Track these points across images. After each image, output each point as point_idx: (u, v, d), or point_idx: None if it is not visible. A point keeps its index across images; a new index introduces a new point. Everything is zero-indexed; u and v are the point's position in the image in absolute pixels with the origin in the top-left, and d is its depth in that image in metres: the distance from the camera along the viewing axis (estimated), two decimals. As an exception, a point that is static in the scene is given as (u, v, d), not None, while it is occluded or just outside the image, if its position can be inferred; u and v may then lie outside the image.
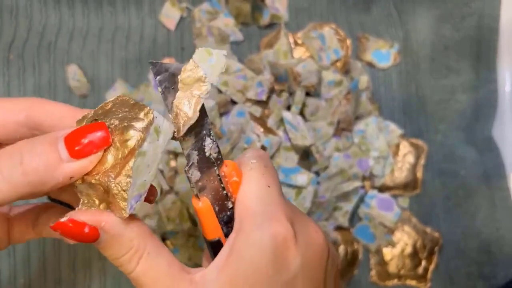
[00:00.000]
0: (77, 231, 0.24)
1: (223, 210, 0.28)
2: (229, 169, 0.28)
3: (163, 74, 0.25)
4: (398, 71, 0.53)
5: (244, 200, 0.27)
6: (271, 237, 0.26)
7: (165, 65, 0.25)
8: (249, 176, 0.28)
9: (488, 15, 0.51)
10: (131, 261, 0.25)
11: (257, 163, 0.28)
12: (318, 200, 0.47)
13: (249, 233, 0.26)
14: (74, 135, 0.24)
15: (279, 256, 0.26)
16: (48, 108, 0.27)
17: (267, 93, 0.47)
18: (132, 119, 0.24)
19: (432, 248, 0.49)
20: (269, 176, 0.28)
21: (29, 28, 0.51)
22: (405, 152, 0.51)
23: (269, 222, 0.26)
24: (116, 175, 0.24)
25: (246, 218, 0.27)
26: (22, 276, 0.47)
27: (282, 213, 0.27)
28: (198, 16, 0.53)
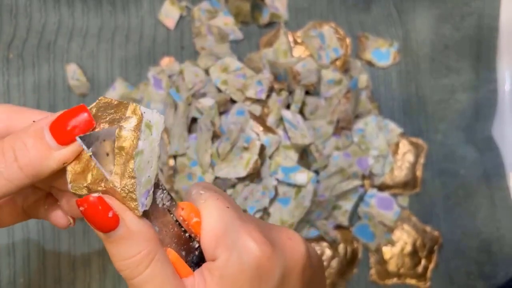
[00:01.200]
0: (101, 212, 0.24)
1: (191, 252, 0.28)
2: (187, 211, 0.27)
3: (95, 144, 0.24)
4: (398, 70, 0.53)
5: (210, 230, 0.26)
6: (247, 255, 0.26)
7: (95, 134, 0.24)
8: (206, 206, 0.27)
9: (488, 15, 0.51)
10: (140, 265, 0.25)
11: (206, 192, 0.28)
12: (318, 199, 0.47)
13: (225, 257, 0.26)
14: (58, 123, 0.24)
15: (259, 270, 0.26)
16: (28, 116, 0.27)
17: (266, 92, 0.47)
18: (120, 120, 0.24)
19: (431, 247, 0.49)
20: (223, 198, 0.28)
21: (28, 27, 0.51)
22: (405, 151, 0.51)
23: (241, 240, 0.26)
24: (120, 180, 0.24)
25: (217, 246, 0.26)
26: (22, 275, 0.47)
27: (251, 227, 0.27)
28: (198, 15, 0.53)
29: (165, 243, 0.26)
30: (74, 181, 0.24)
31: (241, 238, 0.26)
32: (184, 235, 0.27)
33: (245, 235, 0.26)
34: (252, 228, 0.27)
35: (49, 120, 0.24)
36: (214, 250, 0.26)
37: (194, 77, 0.48)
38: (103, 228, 0.24)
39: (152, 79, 0.50)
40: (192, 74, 0.48)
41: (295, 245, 0.29)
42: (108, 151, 0.24)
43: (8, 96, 0.50)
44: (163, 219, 0.26)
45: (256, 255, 0.26)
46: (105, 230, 0.24)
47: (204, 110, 0.47)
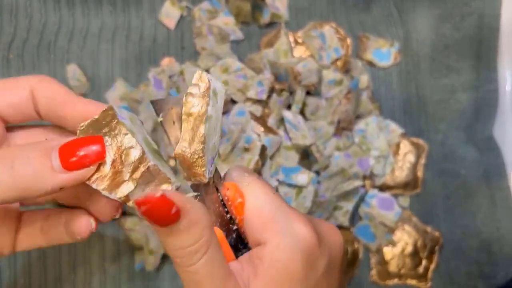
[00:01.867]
0: (164, 210, 0.23)
1: (229, 234, 0.27)
2: (232, 191, 0.27)
3: (164, 111, 0.24)
4: (399, 71, 0.53)
5: (256, 214, 0.26)
6: (299, 241, 0.26)
7: (166, 100, 0.24)
8: (251, 190, 0.27)
9: (489, 15, 0.51)
10: (197, 253, 0.24)
11: (250, 176, 0.28)
12: (319, 200, 0.47)
13: (276, 241, 0.26)
14: (69, 147, 0.23)
15: (309, 258, 0.26)
16: (52, 90, 0.26)
17: (267, 92, 0.47)
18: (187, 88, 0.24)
19: (432, 248, 0.49)
20: (267, 184, 0.28)
21: (29, 27, 0.51)
22: (406, 151, 0.51)
23: (292, 227, 0.26)
24: (189, 145, 0.24)
25: (266, 230, 0.26)
26: (22, 275, 0.47)
27: (299, 217, 0.27)
28: (198, 15, 0.53)
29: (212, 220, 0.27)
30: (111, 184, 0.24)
31: (294, 223, 0.26)
32: (226, 216, 0.27)
33: (297, 221, 0.26)
34: (300, 215, 0.27)
35: (61, 142, 0.24)
36: (261, 234, 0.26)
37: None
38: (163, 224, 0.23)
39: (153, 80, 0.50)
40: (193, 75, 0.48)
41: (336, 236, 0.29)
42: (175, 119, 0.24)
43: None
44: (211, 196, 0.27)
45: (310, 242, 0.26)
46: (165, 225, 0.23)
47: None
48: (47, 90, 0.27)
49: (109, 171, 0.24)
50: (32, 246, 0.30)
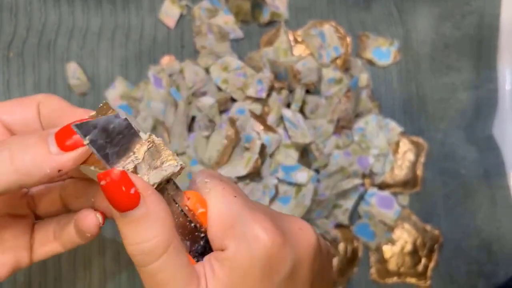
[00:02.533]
0: (123, 189, 0.23)
1: (196, 242, 0.27)
2: (192, 201, 0.27)
3: (93, 132, 0.23)
4: (398, 69, 0.53)
5: (217, 221, 0.26)
6: (256, 246, 0.25)
7: (91, 122, 0.23)
8: (212, 196, 0.27)
9: (489, 14, 0.51)
10: (155, 251, 0.24)
11: (211, 181, 0.27)
12: (318, 198, 0.47)
13: (234, 247, 0.25)
14: (64, 130, 0.24)
15: (268, 263, 0.26)
16: (52, 104, 0.28)
17: (267, 90, 0.47)
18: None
19: (432, 246, 0.49)
20: (230, 187, 0.27)
21: (28, 26, 0.51)
22: (405, 150, 0.51)
23: (251, 231, 0.25)
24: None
25: (225, 236, 0.26)
26: (22, 273, 0.47)
27: (261, 216, 0.26)
28: (198, 14, 0.53)
29: None
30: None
31: (251, 227, 0.26)
32: (190, 225, 0.27)
33: (254, 225, 0.26)
34: (261, 217, 0.26)
35: (57, 128, 0.24)
36: (222, 240, 0.26)
37: (194, 76, 0.48)
38: (121, 206, 0.23)
39: (152, 78, 0.50)
40: (193, 73, 0.48)
41: (306, 235, 0.28)
42: None
43: (9, 95, 0.50)
44: (170, 208, 0.26)
45: (267, 245, 0.25)
46: (123, 209, 0.23)
47: (204, 109, 0.47)
48: (52, 103, 0.28)
49: None
50: (48, 254, 0.31)
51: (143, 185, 0.24)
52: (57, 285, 0.47)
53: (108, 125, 0.24)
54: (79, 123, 0.23)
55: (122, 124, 0.24)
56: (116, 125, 0.24)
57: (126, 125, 0.24)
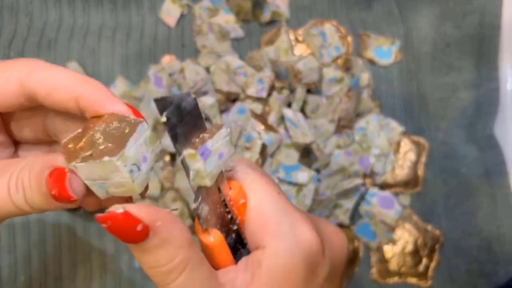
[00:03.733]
0: (129, 228, 0.21)
1: (229, 235, 0.26)
2: (235, 192, 0.25)
3: (169, 109, 0.22)
4: (399, 69, 0.53)
5: (257, 215, 0.25)
6: (301, 247, 0.24)
7: (169, 98, 0.22)
8: (254, 188, 0.25)
9: (490, 13, 0.51)
10: (172, 272, 0.23)
11: (253, 173, 0.26)
12: (319, 198, 0.47)
13: (276, 246, 0.24)
14: (55, 179, 0.22)
15: (310, 265, 0.25)
16: (43, 76, 0.24)
17: (267, 90, 0.47)
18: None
19: (433, 246, 0.49)
20: (272, 183, 0.26)
21: (29, 25, 0.51)
22: (406, 150, 0.51)
23: (295, 231, 0.24)
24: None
25: (266, 233, 0.24)
26: (22, 273, 0.47)
27: (303, 220, 0.25)
28: (199, 13, 0.53)
29: (210, 223, 0.25)
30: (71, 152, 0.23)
31: (298, 227, 0.25)
32: (227, 217, 0.26)
33: (302, 225, 0.25)
34: (305, 218, 0.25)
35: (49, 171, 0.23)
36: (261, 236, 0.25)
37: (195, 76, 0.48)
38: (130, 241, 0.22)
39: (153, 77, 0.50)
40: (193, 73, 0.48)
41: (340, 240, 0.28)
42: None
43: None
44: (213, 197, 0.25)
45: (313, 247, 0.24)
46: (133, 242, 0.22)
47: (205, 108, 0.47)
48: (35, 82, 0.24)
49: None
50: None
51: (150, 217, 0.21)
52: (57, 284, 0.47)
53: (181, 103, 0.23)
54: (159, 98, 0.22)
55: (192, 104, 0.23)
56: (187, 104, 0.23)
57: (195, 105, 0.23)
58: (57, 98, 0.24)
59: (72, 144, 0.23)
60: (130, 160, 0.22)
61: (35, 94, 0.24)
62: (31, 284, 0.47)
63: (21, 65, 0.24)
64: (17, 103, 0.25)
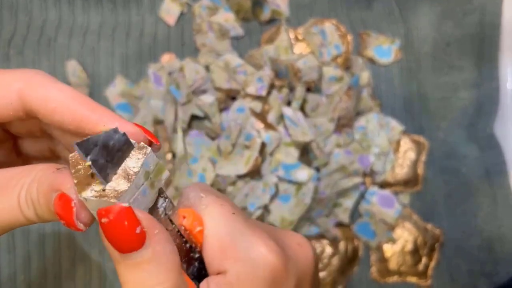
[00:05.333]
0: (128, 227, 0.20)
1: (191, 264, 0.25)
2: (189, 220, 0.24)
3: (93, 151, 0.21)
4: (400, 68, 0.53)
5: (215, 241, 0.24)
6: (261, 268, 0.24)
7: (92, 139, 0.21)
8: (209, 213, 0.24)
9: (490, 12, 0.51)
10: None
11: (207, 196, 0.25)
12: (319, 197, 0.47)
13: (235, 271, 0.23)
14: (62, 204, 0.22)
15: (276, 281, 0.24)
16: (42, 93, 0.23)
17: (267, 88, 0.47)
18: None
19: (432, 245, 0.49)
20: (227, 203, 0.25)
21: (29, 24, 0.51)
22: (406, 149, 0.51)
23: (253, 251, 0.24)
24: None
25: (225, 258, 0.24)
26: (22, 272, 0.47)
27: (260, 239, 0.24)
28: (198, 12, 0.53)
29: None
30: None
31: (254, 247, 0.24)
32: (185, 246, 0.24)
33: (258, 244, 0.24)
34: (263, 235, 0.24)
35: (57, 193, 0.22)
36: (220, 262, 0.24)
37: (194, 74, 0.48)
38: (124, 247, 0.20)
39: (152, 76, 0.50)
40: (193, 71, 0.48)
41: (305, 251, 0.27)
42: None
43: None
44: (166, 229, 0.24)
45: (273, 266, 0.24)
46: (126, 250, 0.20)
47: (204, 107, 0.47)
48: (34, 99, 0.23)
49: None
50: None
51: (149, 222, 0.21)
52: (56, 283, 0.47)
53: (108, 142, 0.21)
54: (81, 141, 0.20)
55: (121, 140, 0.22)
56: (116, 142, 0.22)
57: (125, 141, 0.22)
58: (58, 120, 0.23)
59: (81, 166, 0.22)
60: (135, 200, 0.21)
61: (35, 112, 0.23)
62: (30, 284, 0.47)
63: (23, 76, 0.23)
64: (15, 116, 0.24)
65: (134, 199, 0.21)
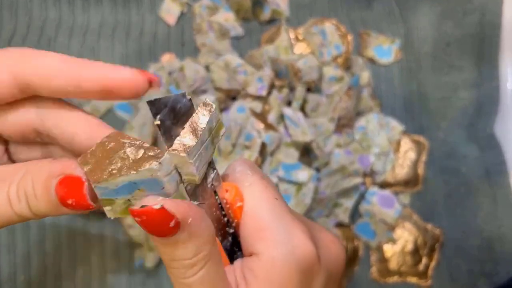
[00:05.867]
0: (162, 223, 0.21)
1: (225, 238, 0.26)
2: (232, 194, 0.25)
3: (163, 111, 0.22)
4: (400, 68, 0.53)
5: (253, 220, 0.24)
6: (297, 256, 0.24)
7: (163, 100, 0.22)
8: (252, 192, 0.25)
9: (491, 12, 0.51)
10: (194, 266, 0.22)
11: (253, 175, 0.25)
12: (319, 197, 0.47)
13: (271, 254, 0.23)
14: (68, 183, 0.22)
15: (306, 275, 0.24)
16: (36, 64, 0.23)
17: (267, 88, 0.47)
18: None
19: (433, 245, 0.49)
20: (272, 187, 0.25)
21: (29, 23, 0.51)
22: (406, 149, 0.51)
23: (290, 239, 0.24)
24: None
25: (261, 239, 0.24)
26: (22, 272, 0.47)
27: (300, 228, 0.24)
28: (199, 12, 0.53)
29: None
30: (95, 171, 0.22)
31: (294, 235, 0.24)
32: (223, 219, 0.25)
33: (298, 233, 0.24)
34: (302, 226, 0.25)
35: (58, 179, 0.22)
36: (254, 242, 0.24)
37: (194, 74, 0.48)
38: (160, 235, 0.21)
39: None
40: (193, 71, 0.48)
41: (337, 250, 0.27)
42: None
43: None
44: (209, 201, 0.24)
45: (309, 257, 0.24)
46: (162, 236, 0.21)
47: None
48: (28, 71, 0.23)
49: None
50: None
51: (184, 213, 0.21)
52: (56, 284, 0.47)
53: (176, 105, 0.22)
54: (151, 100, 0.21)
55: (187, 105, 0.22)
56: (182, 106, 0.22)
57: (190, 106, 0.23)
58: (55, 84, 0.23)
59: (93, 160, 0.22)
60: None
61: (30, 83, 0.23)
62: (30, 284, 0.47)
63: (11, 55, 0.23)
64: (9, 95, 0.24)
65: (198, 154, 0.22)
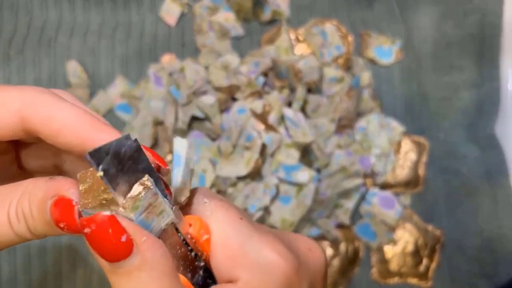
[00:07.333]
0: (112, 236, 0.19)
1: (196, 273, 0.24)
2: (196, 228, 0.23)
3: (105, 160, 0.20)
4: (400, 68, 0.53)
5: (223, 248, 0.23)
6: (273, 273, 0.23)
7: (103, 147, 0.20)
8: (215, 220, 0.23)
9: (491, 12, 0.51)
10: None
11: (211, 201, 0.24)
12: (319, 198, 0.47)
13: (247, 278, 0.23)
14: (61, 209, 0.21)
15: (289, 285, 0.23)
16: (44, 114, 0.21)
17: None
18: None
19: (433, 246, 0.49)
20: (233, 208, 0.24)
21: (29, 24, 0.51)
22: (407, 150, 0.51)
23: (264, 260, 0.23)
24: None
25: (235, 265, 0.23)
26: (22, 272, 0.47)
27: (271, 244, 0.24)
28: (199, 12, 0.53)
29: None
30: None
31: (264, 253, 0.23)
32: (190, 254, 0.23)
33: (268, 249, 0.23)
34: (273, 240, 0.24)
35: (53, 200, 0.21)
36: (230, 269, 0.23)
37: (195, 75, 0.48)
38: (111, 256, 0.19)
39: (153, 76, 0.50)
40: (193, 72, 0.48)
41: (316, 256, 0.26)
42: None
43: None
44: (171, 240, 0.23)
45: (285, 270, 0.23)
46: (114, 259, 0.19)
47: (205, 107, 0.46)
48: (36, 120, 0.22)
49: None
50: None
51: (136, 230, 0.20)
52: (57, 283, 0.47)
53: (119, 149, 0.20)
54: (93, 151, 0.19)
55: (132, 147, 0.21)
56: (127, 149, 0.20)
57: (136, 147, 0.21)
58: (62, 141, 0.22)
59: (90, 179, 0.21)
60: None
61: (37, 133, 0.22)
62: (30, 284, 0.47)
63: (25, 96, 0.22)
64: (14, 136, 0.23)
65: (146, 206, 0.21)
